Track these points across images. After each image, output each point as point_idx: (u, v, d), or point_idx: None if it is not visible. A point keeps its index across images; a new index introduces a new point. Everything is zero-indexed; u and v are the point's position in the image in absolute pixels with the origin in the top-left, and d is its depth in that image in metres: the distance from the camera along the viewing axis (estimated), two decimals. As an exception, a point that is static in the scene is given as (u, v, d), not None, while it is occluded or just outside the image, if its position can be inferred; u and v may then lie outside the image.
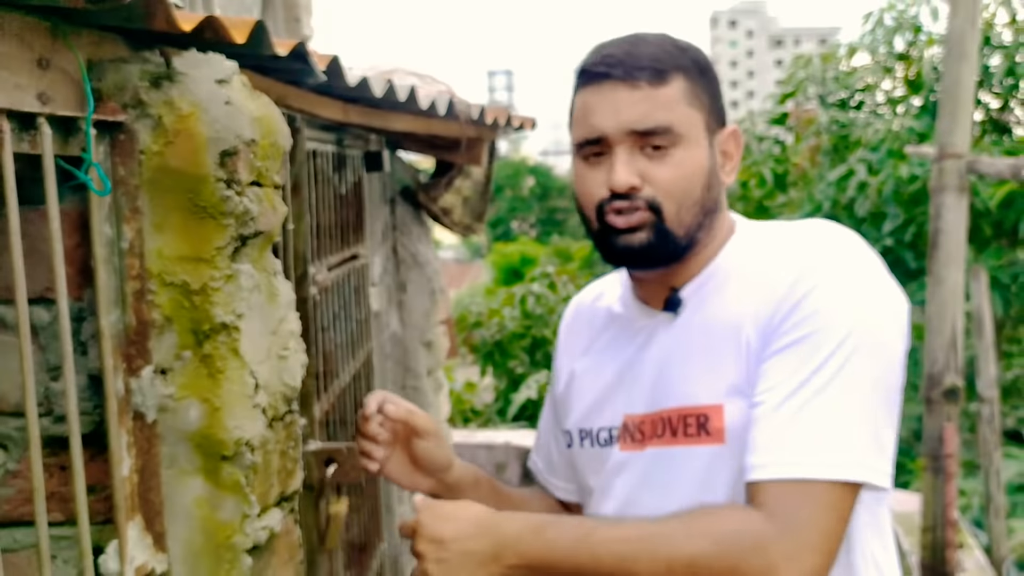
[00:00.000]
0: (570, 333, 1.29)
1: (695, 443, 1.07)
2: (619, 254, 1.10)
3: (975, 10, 2.92)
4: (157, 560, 0.92)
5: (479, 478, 1.28)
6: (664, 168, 1.06)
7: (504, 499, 1.28)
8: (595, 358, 1.21)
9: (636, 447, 1.13)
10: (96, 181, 0.86)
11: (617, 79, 1.06)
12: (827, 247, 1.08)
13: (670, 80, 1.07)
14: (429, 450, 1.20)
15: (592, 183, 1.09)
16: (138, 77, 0.90)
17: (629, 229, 1.07)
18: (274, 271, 0.98)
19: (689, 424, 1.08)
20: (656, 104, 1.06)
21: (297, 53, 1.06)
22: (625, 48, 1.09)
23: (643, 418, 1.12)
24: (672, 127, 1.05)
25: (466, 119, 1.63)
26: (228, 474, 0.92)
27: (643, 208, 1.06)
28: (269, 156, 0.96)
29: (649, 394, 1.12)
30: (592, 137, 1.07)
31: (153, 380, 0.91)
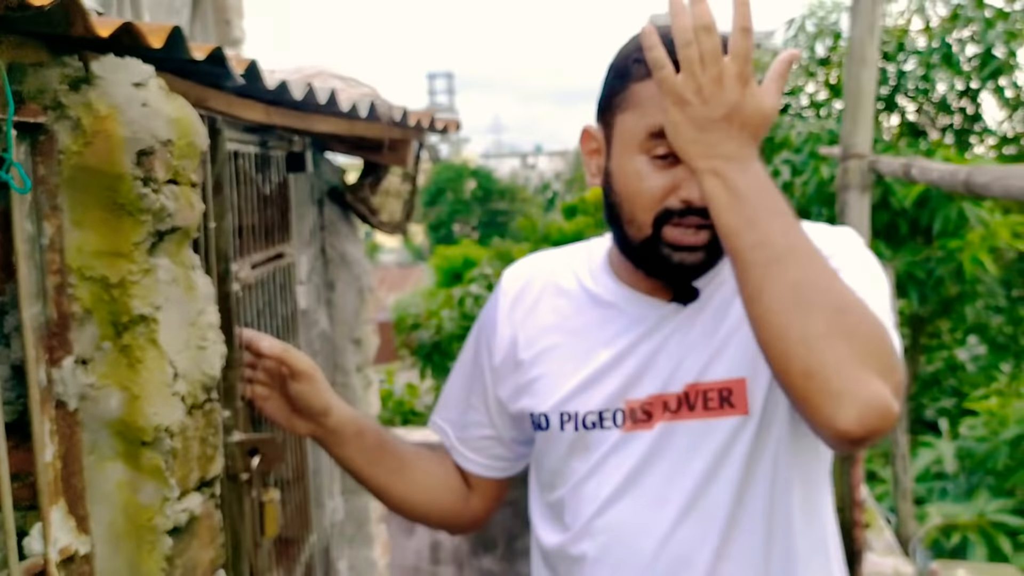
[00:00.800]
0: (518, 303, 1.23)
1: (717, 415, 1.08)
2: (668, 267, 1.06)
3: (874, 19, 3.08)
4: (80, 542, 0.95)
5: (363, 427, 1.27)
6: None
7: (390, 453, 1.29)
8: (573, 340, 1.17)
9: (641, 426, 1.11)
10: (17, 180, 0.89)
11: None
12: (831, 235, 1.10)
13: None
14: (305, 393, 1.21)
15: (659, 187, 1.03)
16: (58, 80, 0.93)
17: (690, 247, 1.04)
18: (192, 265, 1.02)
19: (710, 398, 1.08)
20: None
21: (214, 57, 1.10)
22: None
23: (650, 399, 1.11)
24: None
25: (388, 121, 1.69)
26: (148, 459, 0.95)
27: (708, 224, 1.01)
28: (186, 155, 1.00)
29: (657, 379, 1.11)
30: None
31: (74, 370, 0.94)
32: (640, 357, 1.12)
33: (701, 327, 1.11)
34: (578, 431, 1.15)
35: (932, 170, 2.46)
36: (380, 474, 1.28)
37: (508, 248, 11.23)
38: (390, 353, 9.37)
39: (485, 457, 1.28)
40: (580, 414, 1.14)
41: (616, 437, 1.13)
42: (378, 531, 2.17)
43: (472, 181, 32.17)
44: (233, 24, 3.12)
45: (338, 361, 2.08)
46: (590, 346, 1.15)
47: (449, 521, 1.34)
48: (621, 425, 1.13)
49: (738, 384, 1.08)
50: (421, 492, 1.30)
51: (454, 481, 1.31)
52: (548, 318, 1.20)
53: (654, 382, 1.11)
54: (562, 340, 1.18)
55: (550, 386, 1.17)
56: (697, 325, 1.11)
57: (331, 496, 2.01)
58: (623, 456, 1.12)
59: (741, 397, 1.07)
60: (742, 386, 1.07)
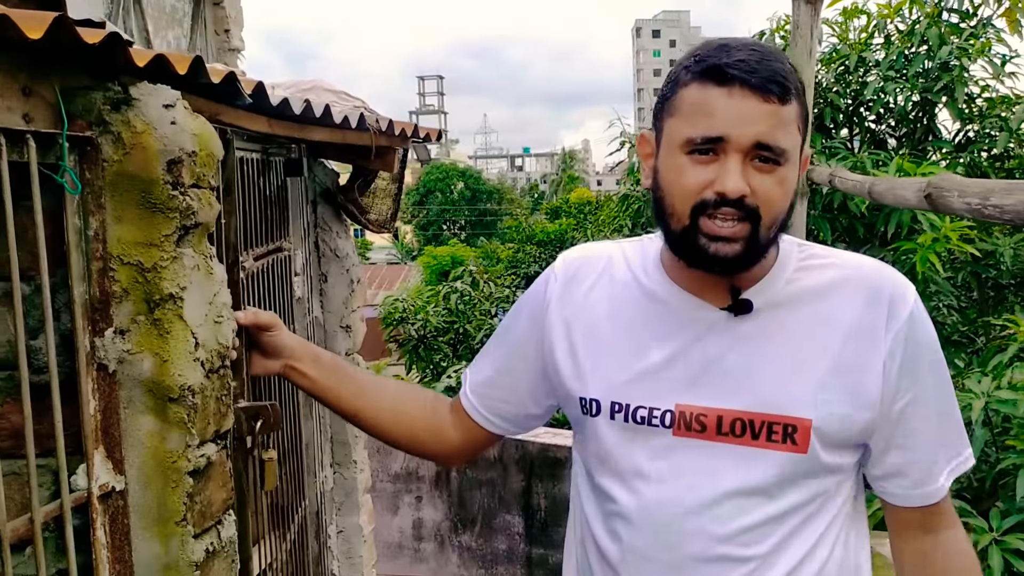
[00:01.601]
0: (572, 286, 1.26)
1: (778, 448, 1.12)
2: (705, 258, 1.09)
3: (812, 45, 3.32)
4: (116, 480, 1.14)
5: (318, 356, 1.42)
6: (771, 182, 1.07)
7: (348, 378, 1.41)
8: (625, 332, 1.20)
9: (695, 436, 1.15)
10: (70, 183, 1.08)
11: (751, 88, 1.05)
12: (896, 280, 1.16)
13: (791, 101, 1.08)
14: (272, 339, 1.39)
15: (696, 181, 1.08)
16: (102, 102, 1.10)
17: (726, 238, 1.07)
18: (210, 255, 1.23)
19: (775, 431, 1.12)
20: (780, 121, 1.06)
21: (228, 80, 1.31)
22: (757, 57, 1.07)
23: (706, 411, 1.14)
24: (787, 149, 1.07)
25: (375, 131, 1.90)
26: (174, 412, 1.13)
27: (743, 217, 1.06)
28: (206, 164, 1.20)
29: (716, 392, 1.14)
30: (713, 135, 1.06)
31: (114, 339, 1.12)
32: (694, 362, 1.15)
33: (764, 349, 1.13)
34: (628, 423, 1.18)
35: (848, 179, 2.69)
36: (344, 398, 1.41)
37: (495, 248, 11.43)
38: (379, 349, 9.57)
39: (492, 413, 1.36)
40: (632, 407, 1.17)
41: (668, 440, 1.16)
42: (364, 500, 2.38)
43: (461, 182, 32.28)
44: (233, 34, 3.30)
45: (329, 345, 2.29)
46: (642, 340, 1.18)
47: (418, 449, 1.44)
48: (670, 427, 1.15)
49: (805, 424, 1.11)
50: (387, 416, 1.41)
51: (428, 414, 1.41)
52: (602, 306, 1.23)
53: (712, 394, 1.14)
54: (615, 331, 1.21)
55: (603, 374, 1.20)
56: (759, 345, 1.14)
57: (322, 467, 2.21)
58: (677, 461, 1.15)
59: (805, 437, 1.12)
60: (808, 426, 1.11)
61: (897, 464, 1.19)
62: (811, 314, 1.15)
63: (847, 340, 1.13)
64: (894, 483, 1.21)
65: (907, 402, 1.15)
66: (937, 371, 1.17)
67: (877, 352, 1.13)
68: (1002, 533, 3.52)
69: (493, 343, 1.39)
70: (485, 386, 1.38)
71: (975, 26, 5.08)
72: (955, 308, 5.06)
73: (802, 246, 1.22)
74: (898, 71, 5.10)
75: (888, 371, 1.13)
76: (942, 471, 1.19)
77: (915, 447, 1.18)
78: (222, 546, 1.26)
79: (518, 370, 1.33)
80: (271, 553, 1.80)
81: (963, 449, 1.22)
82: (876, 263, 1.20)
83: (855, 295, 1.15)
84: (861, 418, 1.14)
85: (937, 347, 1.18)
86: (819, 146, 4.96)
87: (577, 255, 1.30)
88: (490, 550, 4.24)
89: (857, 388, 1.14)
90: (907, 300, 1.14)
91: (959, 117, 5.09)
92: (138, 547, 1.16)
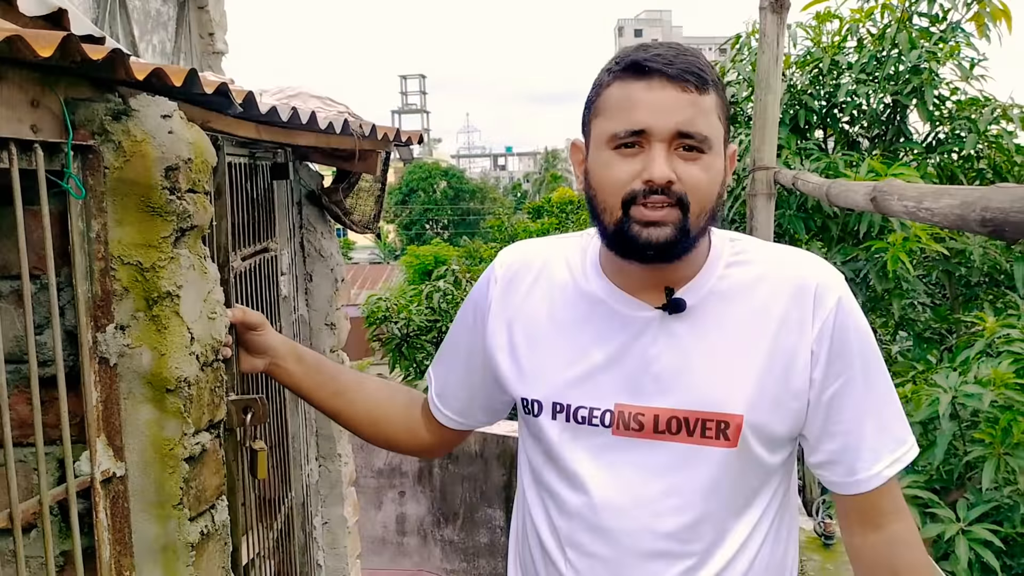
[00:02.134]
0: (512, 287, 1.28)
1: (712, 444, 1.15)
2: (638, 247, 1.11)
3: (778, 52, 3.45)
4: (117, 466, 1.20)
5: (301, 354, 1.47)
6: (695, 169, 1.10)
7: (329, 378, 1.46)
8: (565, 332, 1.22)
9: (633, 434, 1.17)
10: (75, 188, 1.15)
11: (669, 78, 1.08)
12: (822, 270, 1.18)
13: (709, 91, 1.10)
14: (257, 338, 1.45)
15: (623, 173, 1.10)
16: (103, 112, 1.16)
17: (656, 223, 1.09)
18: (204, 255, 1.30)
19: (709, 428, 1.15)
20: (700, 110, 1.09)
21: (220, 91, 1.39)
22: (673, 52, 1.11)
23: (643, 410, 1.17)
24: (708, 136, 1.10)
25: (359, 135, 1.98)
26: (171, 403, 1.20)
27: (673, 204, 1.09)
28: (201, 170, 1.27)
29: (653, 391, 1.16)
30: (636, 129, 1.09)
31: (115, 334, 1.18)
32: (633, 362, 1.17)
33: (697, 347, 1.16)
34: (569, 422, 1.20)
35: (808, 182, 2.82)
36: (324, 396, 1.48)
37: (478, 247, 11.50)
38: (362, 349, 9.61)
39: (457, 414, 1.43)
40: (572, 407, 1.20)
41: (608, 439, 1.18)
42: (348, 493, 2.46)
43: (444, 181, 32.29)
44: (217, 37, 3.36)
45: (314, 343, 2.36)
46: (581, 341, 1.20)
47: (397, 446, 1.52)
48: (610, 426, 1.18)
49: (737, 420, 1.14)
50: (364, 415, 1.48)
51: (403, 413, 1.48)
52: (541, 308, 1.25)
53: (649, 393, 1.17)
54: (555, 332, 1.23)
55: (543, 375, 1.23)
56: (692, 343, 1.16)
57: (307, 460, 2.29)
58: (615, 459, 1.18)
59: (736, 433, 1.15)
60: (740, 422, 1.14)
61: (831, 451, 1.20)
62: (742, 310, 1.17)
63: (777, 333, 1.16)
64: (831, 470, 1.22)
65: (836, 390, 1.17)
66: (867, 360, 1.19)
67: (805, 342, 1.15)
68: (969, 523, 3.64)
69: (446, 349, 1.43)
70: (445, 394, 1.43)
71: (944, 30, 5.21)
72: (928, 305, 5.19)
73: (734, 241, 1.23)
74: (870, 74, 5.22)
75: (816, 360, 1.16)
76: (879, 460, 1.20)
77: (846, 434, 1.19)
78: (216, 529, 1.34)
79: (471, 374, 1.37)
80: (259, 543, 1.88)
81: (905, 439, 1.22)
82: (804, 255, 1.22)
83: (782, 288, 1.17)
84: (792, 408, 1.17)
85: (868, 337, 1.20)
86: (793, 147, 5.08)
87: (515, 257, 1.31)
88: (472, 543, 4.32)
89: (787, 380, 1.16)
90: (833, 290, 1.17)
91: (929, 119, 5.21)
92: (137, 529, 1.24)
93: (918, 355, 4.77)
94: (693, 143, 1.10)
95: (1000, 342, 3.91)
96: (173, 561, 1.24)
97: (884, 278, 4.28)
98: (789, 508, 1.28)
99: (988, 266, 4.91)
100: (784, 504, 1.26)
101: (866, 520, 1.23)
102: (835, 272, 1.21)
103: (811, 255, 1.24)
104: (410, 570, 4.31)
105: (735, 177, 5.15)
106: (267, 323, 1.50)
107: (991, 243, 4.74)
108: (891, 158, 4.96)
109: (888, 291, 4.50)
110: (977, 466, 3.81)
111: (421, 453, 1.55)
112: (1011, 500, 3.78)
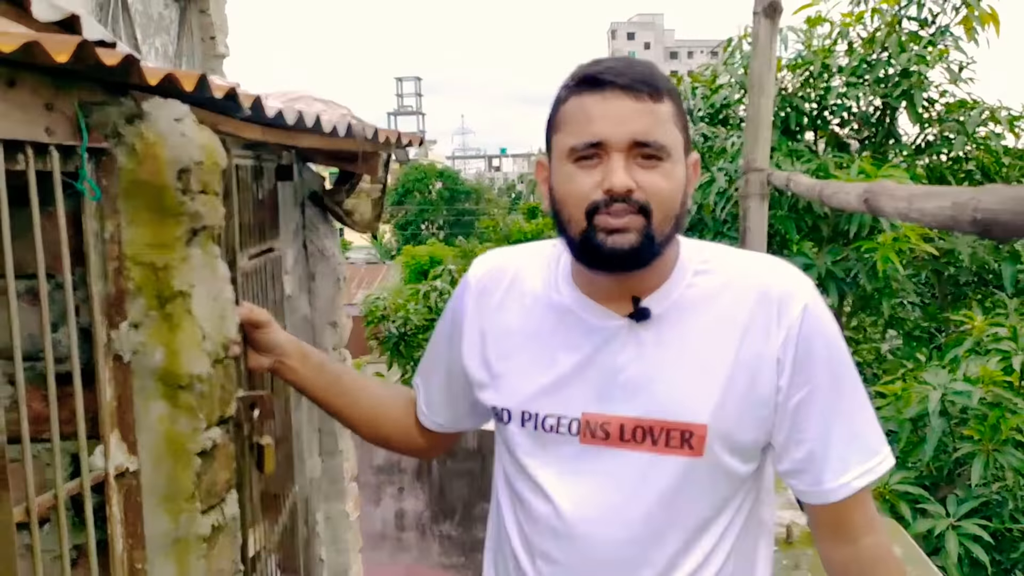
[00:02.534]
0: (485, 297, 1.29)
1: (676, 453, 1.15)
2: (604, 255, 1.11)
3: (771, 56, 3.50)
4: (130, 461, 1.22)
5: (307, 354, 1.48)
6: (655, 177, 1.10)
7: (334, 379, 1.47)
8: (534, 342, 1.23)
9: (600, 443, 1.18)
10: (89, 190, 1.16)
11: (622, 88, 1.09)
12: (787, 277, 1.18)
13: (664, 99, 1.11)
14: (264, 336, 1.46)
15: (584, 185, 1.11)
16: (116, 116, 1.18)
17: (619, 230, 1.09)
18: (215, 255, 1.33)
19: (672, 437, 1.14)
20: (656, 119, 1.09)
21: (229, 95, 1.42)
22: (625, 64, 1.11)
23: (609, 419, 1.17)
24: (666, 144, 1.10)
25: (362, 138, 2.01)
26: (183, 399, 1.22)
27: (635, 211, 1.09)
28: (212, 172, 1.29)
29: (619, 400, 1.17)
30: (593, 141, 1.09)
31: (128, 332, 1.19)
32: (600, 371, 1.18)
33: (663, 356, 1.16)
34: (537, 431, 1.21)
35: (801, 183, 2.87)
36: (327, 396, 1.49)
37: (473, 247, 11.51)
38: (360, 347, 9.64)
39: (447, 421, 1.45)
40: (541, 415, 1.21)
41: (575, 448, 1.19)
42: (350, 488, 2.49)
43: (439, 182, 32.30)
44: (218, 40, 3.38)
45: (317, 341, 2.39)
46: (552, 351, 1.21)
47: (395, 448, 1.55)
48: (577, 434, 1.19)
49: (700, 429, 1.14)
50: (364, 417, 1.50)
51: (401, 416, 1.49)
52: (513, 318, 1.25)
53: (615, 402, 1.17)
54: (525, 342, 1.24)
55: (514, 384, 1.24)
56: (658, 351, 1.16)
57: (311, 455, 2.32)
58: (583, 467, 1.18)
59: (700, 442, 1.14)
60: (703, 432, 1.14)
61: (797, 459, 1.18)
62: (707, 318, 1.17)
63: (742, 342, 1.15)
64: (798, 479, 1.20)
65: (802, 398, 1.16)
66: (835, 368, 1.17)
67: (770, 350, 1.15)
68: (959, 519, 3.69)
69: (427, 359, 1.45)
70: (431, 403, 1.45)
71: (933, 34, 5.27)
72: (917, 305, 5.25)
73: (702, 250, 1.23)
74: (860, 77, 5.27)
75: (782, 368, 1.15)
76: (847, 470, 1.17)
77: (812, 441, 1.17)
78: (226, 523, 1.37)
79: (452, 383, 1.39)
80: (265, 536, 1.91)
81: (877, 450, 1.20)
82: (771, 263, 1.22)
83: (747, 296, 1.16)
84: (758, 416, 1.16)
85: (838, 344, 1.19)
86: (784, 149, 5.12)
87: (489, 267, 1.32)
88: (470, 538, 4.36)
89: (753, 387, 1.15)
90: (798, 297, 1.16)
91: (918, 121, 5.27)
92: (150, 522, 1.26)
93: (907, 353, 4.82)
94: (651, 151, 1.10)
95: (988, 340, 3.96)
96: (185, 554, 1.26)
97: (874, 277, 4.33)
98: (761, 520, 1.26)
99: (977, 266, 4.97)
100: (753, 514, 1.24)
101: (837, 532, 1.21)
102: (802, 279, 1.20)
103: (779, 262, 1.23)
104: (409, 565, 4.35)
105: (727, 178, 5.19)
106: (273, 321, 1.52)
107: (980, 243, 4.79)
108: (881, 160, 5.01)
109: (878, 290, 4.55)
110: (966, 462, 3.86)
111: (417, 454, 1.57)
112: (1000, 496, 3.83)
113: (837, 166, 4.71)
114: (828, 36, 5.50)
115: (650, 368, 1.17)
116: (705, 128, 5.57)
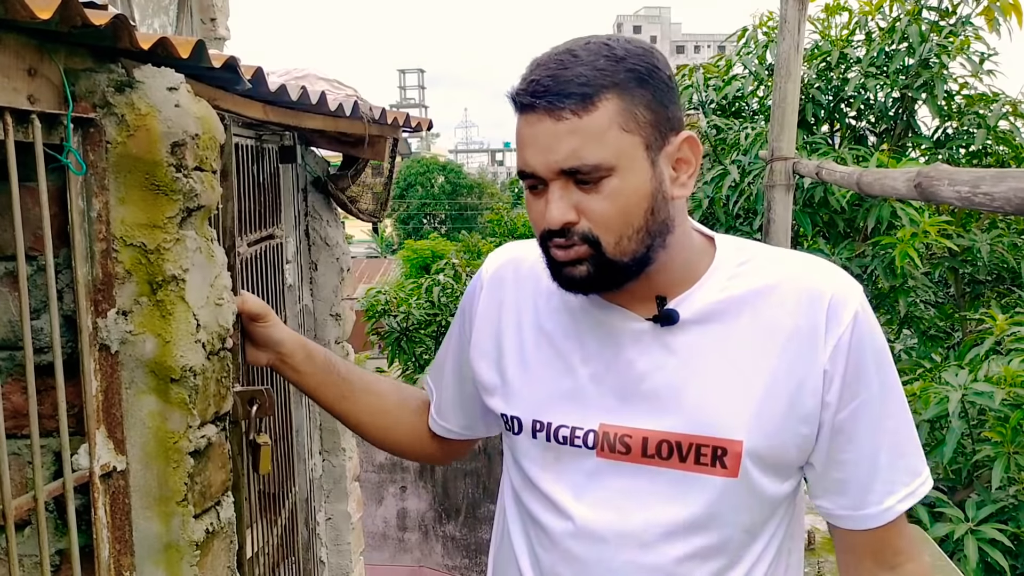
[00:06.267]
0: (498, 290, 1.22)
1: (707, 472, 1.05)
2: (564, 281, 1.06)
3: (799, 39, 3.38)
4: (118, 460, 1.15)
5: (311, 352, 1.39)
6: (599, 200, 1.00)
7: (339, 379, 1.38)
8: (551, 344, 1.15)
9: (620, 458, 1.08)
10: (74, 163, 1.09)
11: (542, 110, 0.99)
12: (839, 280, 1.08)
13: (599, 103, 0.98)
14: (262, 330, 1.37)
15: (535, 214, 1.05)
16: (105, 84, 1.11)
17: (569, 263, 1.03)
18: (212, 238, 1.23)
19: (704, 454, 1.05)
20: (584, 137, 0.98)
21: (228, 65, 1.32)
22: (552, 71, 1.00)
23: (630, 432, 1.08)
24: (601, 163, 0.98)
25: (368, 119, 1.91)
26: (175, 393, 1.14)
27: (579, 243, 1.02)
28: (208, 147, 1.21)
29: (643, 409, 1.07)
30: (526, 171, 1.03)
31: (116, 320, 1.13)
32: (621, 378, 1.09)
33: (694, 364, 1.06)
34: (550, 442, 1.12)
35: (835, 171, 2.74)
36: (331, 399, 1.40)
37: (476, 241, 11.44)
38: (361, 342, 9.56)
39: (460, 427, 1.37)
40: (553, 426, 1.12)
41: (592, 462, 1.10)
42: (352, 488, 2.40)
43: (441, 176, 32.26)
44: (219, 23, 3.29)
45: (319, 334, 2.30)
46: (566, 355, 1.12)
47: (406, 455, 1.47)
48: (594, 447, 1.09)
49: (736, 446, 1.04)
50: (371, 421, 1.41)
51: (414, 421, 1.41)
52: (526, 316, 1.18)
53: (638, 413, 1.08)
54: (538, 342, 1.16)
55: (524, 390, 1.15)
56: (689, 359, 1.07)
57: (311, 455, 2.23)
58: (602, 483, 1.09)
59: (735, 460, 1.04)
60: (739, 448, 1.04)
61: (837, 479, 1.10)
62: (745, 325, 1.06)
63: (784, 352, 1.05)
64: (833, 501, 1.12)
65: (849, 413, 1.06)
66: (885, 381, 1.08)
67: (816, 362, 1.05)
68: (977, 523, 3.60)
69: (439, 359, 1.38)
70: (442, 408, 1.38)
71: (954, 24, 5.16)
72: (932, 303, 5.15)
73: (741, 249, 1.13)
74: (879, 68, 5.18)
75: (830, 381, 1.05)
76: (892, 492, 1.09)
77: (856, 463, 1.08)
78: (221, 527, 1.28)
79: (463, 384, 1.32)
80: (262, 538, 1.82)
81: (919, 471, 1.11)
82: (817, 263, 1.12)
83: (792, 300, 1.06)
84: (799, 434, 1.07)
85: (886, 354, 1.09)
86: (800, 141, 5.03)
87: (503, 261, 1.25)
88: (474, 540, 4.28)
89: (794, 403, 1.05)
90: (849, 304, 1.06)
91: (938, 114, 5.17)
92: (139, 526, 1.18)
93: (923, 353, 4.73)
94: (584, 176, 1.00)
95: (1009, 340, 3.86)
96: (176, 561, 1.18)
97: (892, 274, 4.23)
98: (795, 542, 1.18)
99: (995, 263, 4.87)
100: (789, 535, 1.15)
101: (878, 559, 1.12)
102: (852, 282, 1.10)
103: (826, 263, 1.13)
104: (411, 566, 4.26)
105: (741, 171, 5.09)
106: (272, 314, 1.42)
107: (1000, 240, 4.69)
108: (899, 153, 4.91)
109: (894, 288, 4.45)
110: (985, 465, 3.77)
111: (429, 460, 1.48)
112: (1017, 499, 3.74)
113: (854, 159, 4.61)
114: (846, 26, 5.40)
115: (678, 377, 1.07)
116: (718, 120, 5.46)
